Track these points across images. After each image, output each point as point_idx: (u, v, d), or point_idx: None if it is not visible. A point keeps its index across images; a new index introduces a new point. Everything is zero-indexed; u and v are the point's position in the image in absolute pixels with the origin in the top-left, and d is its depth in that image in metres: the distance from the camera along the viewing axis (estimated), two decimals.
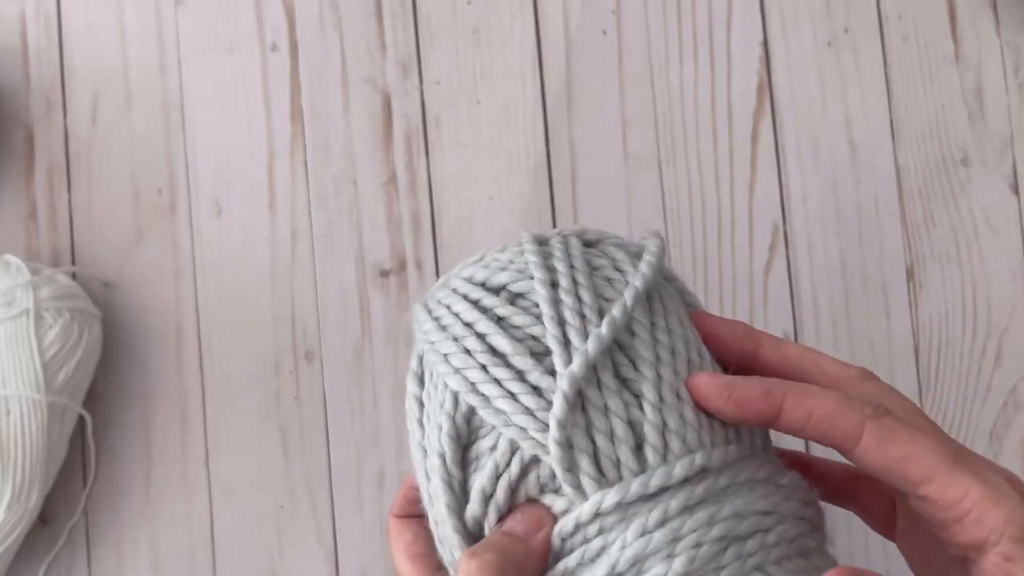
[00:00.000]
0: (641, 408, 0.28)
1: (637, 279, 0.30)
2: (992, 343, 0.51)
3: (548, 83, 0.53)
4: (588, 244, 0.33)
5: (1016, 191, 0.52)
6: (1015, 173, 0.52)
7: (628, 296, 0.30)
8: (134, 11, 0.54)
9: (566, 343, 0.29)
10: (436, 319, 0.31)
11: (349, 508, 0.50)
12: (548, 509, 0.29)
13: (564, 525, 0.28)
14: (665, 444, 0.28)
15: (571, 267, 0.31)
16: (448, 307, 0.31)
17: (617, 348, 0.29)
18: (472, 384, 0.29)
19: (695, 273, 0.51)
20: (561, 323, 0.29)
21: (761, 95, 0.52)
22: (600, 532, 0.28)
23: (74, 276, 0.52)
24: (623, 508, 0.28)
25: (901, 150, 0.52)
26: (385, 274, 0.52)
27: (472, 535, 0.29)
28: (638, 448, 0.28)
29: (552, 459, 0.28)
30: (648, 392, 0.29)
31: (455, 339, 0.30)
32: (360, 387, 0.51)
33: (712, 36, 0.53)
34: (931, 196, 0.52)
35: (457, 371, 0.30)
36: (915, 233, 0.51)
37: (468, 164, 0.52)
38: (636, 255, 0.32)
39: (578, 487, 0.28)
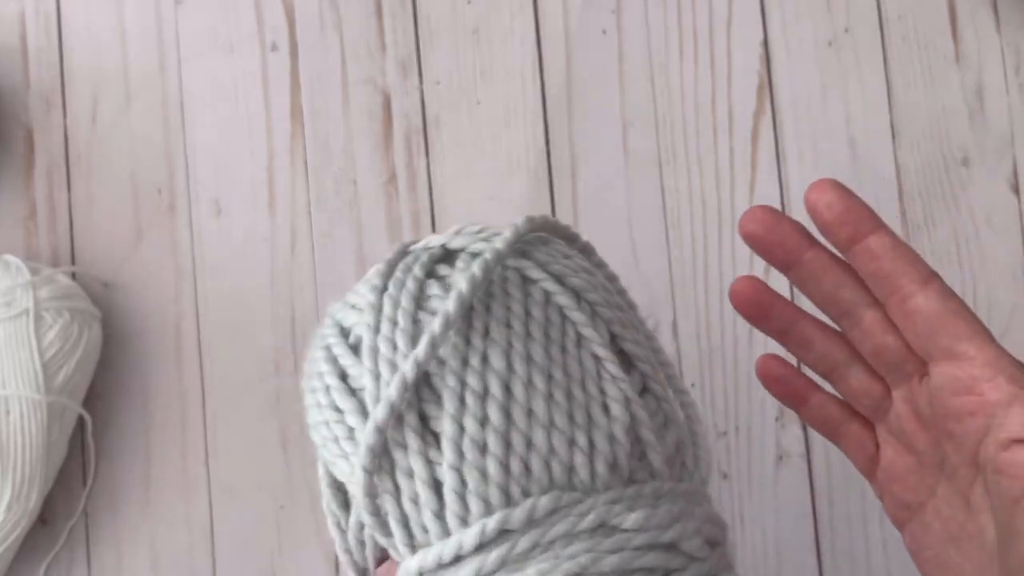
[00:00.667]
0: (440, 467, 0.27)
1: (436, 322, 0.27)
2: None
3: (548, 83, 0.53)
4: (441, 260, 0.31)
5: (1016, 191, 0.52)
6: (1015, 173, 0.52)
7: (419, 348, 0.27)
8: (134, 11, 0.54)
9: (376, 400, 0.28)
10: (311, 373, 0.31)
11: None
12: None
13: None
14: (465, 507, 0.27)
15: (396, 305, 0.29)
16: (314, 360, 0.31)
17: (425, 396, 0.28)
18: (322, 441, 0.30)
19: (695, 273, 0.51)
20: (376, 376, 0.28)
21: (761, 95, 0.52)
22: None
23: (74, 276, 0.52)
24: (433, 573, 0.27)
25: (901, 150, 0.52)
26: None
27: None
28: (439, 513, 0.27)
29: (369, 526, 0.28)
30: (447, 451, 0.27)
31: (312, 392, 0.30)
32: None
33: (712, 36, 0.53)
34: (931, 196, 0.52)
35: (313, 427, 0.31)
36: (915, 233, 0.51)
37: (468, 164, 0.52)
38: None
39: (396, 550, 0.28)
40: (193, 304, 0.52)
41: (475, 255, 0.30)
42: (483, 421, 0.27)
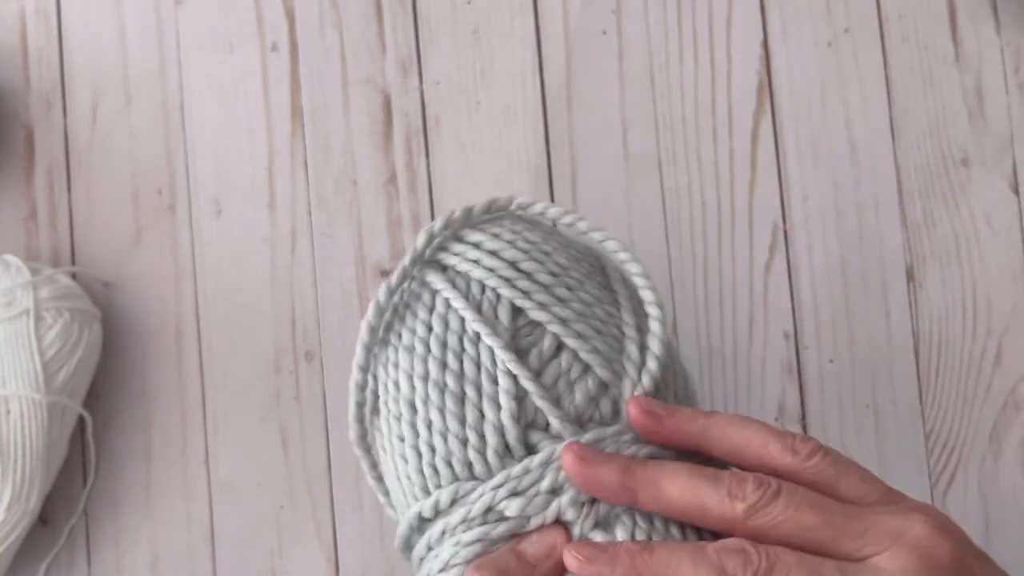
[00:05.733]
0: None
1: (357, 346, 0.35)
2: (992, 343, 0.51)
3: (548, 83, 0.53)
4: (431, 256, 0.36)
5: (1016, 191, 0.52)
6: (1015, 173, 0.52)
7: (353, 366, 0.35)
8: (134, 11, 0.54)
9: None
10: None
11: (349, 508, 0.50)
12: (566, 534, 0.30)
13: None
14: (404, 500, 0.35)
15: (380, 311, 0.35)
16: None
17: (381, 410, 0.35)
18: None
19: (695, 273, 0.51)
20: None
21: (761, 95, 0.52)
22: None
23: (74, 276, 0.52)
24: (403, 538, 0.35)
25: (901, 150, 0.52)
26: (385, 274, 0.52)
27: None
28: (401, 504, 0.35)
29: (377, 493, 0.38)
30: (387, 462, 0.35)
31: None
32: None
33: (712, 36, 0.53)
34: (931, 196, 0.52)
35: None
36: (915, 233, 0.51)
37: (468, 164, 0.52)
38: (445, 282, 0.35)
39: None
40: (193, 304, 0.52)
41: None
42: (401, 438, 0.33)
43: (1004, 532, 0.50)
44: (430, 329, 0.33)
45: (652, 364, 0.33)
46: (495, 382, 0.32)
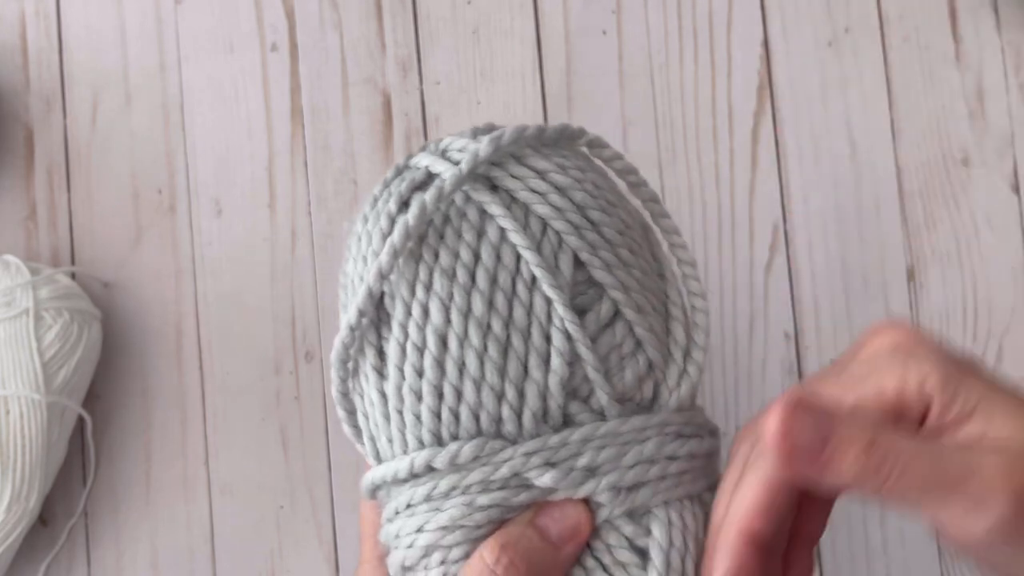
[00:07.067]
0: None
1: (384, 251, 0.29)
2: (992, 344, 0.51)
3: (548, 83, 0.53)
4: (420, 186, 0.31)
5: (1016, 191, 0.52)
6: (1015, 173, 0.52)
7: (370, 274, 0.29)
8: (134, 11, 0.54)
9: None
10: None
11: (349, 508, 0.50)
12: (589, 514, 0.28)
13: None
14: (404, 442, 0.29)
15: (369, 238, 0.31)
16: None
17: (384, 334, 0.30)
18: None
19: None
20: (344, 300, 0.33)
21: (761, 95, 0.52)
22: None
23: (74, 276, 0.52)
24: (381, 488, 0.31)
25: (901, 150, 0.52)
26: None
27: None
28: (390, 439, 0.30)
29: (348, 436, 0.33)
30: (390, 393, 0.29)
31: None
32: None
33: (712, 36, 0.53)
34: (931, 196, 0.52)
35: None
36: (915, 233, 0.51)
37: None
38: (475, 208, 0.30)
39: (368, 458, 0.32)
40: (193, 304, 0.52)
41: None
42: (420, 372, 0.29)
43: None
44: (477, 257, 0.29)
45: (699, 355, 0.31)
46: (547, 339, 0.28)
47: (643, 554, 0.29)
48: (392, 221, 0.30)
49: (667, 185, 0.52)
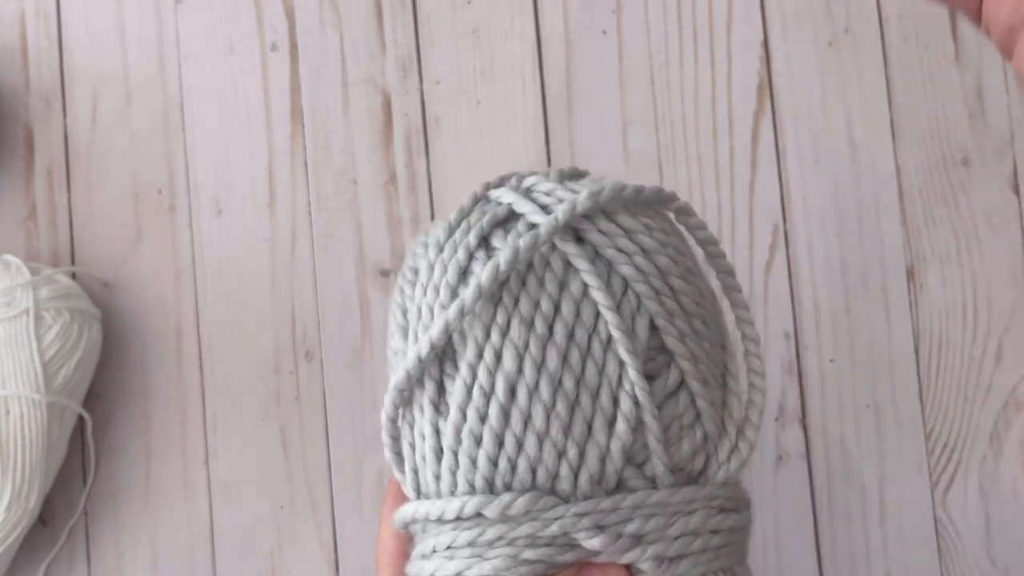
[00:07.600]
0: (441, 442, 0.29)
1: (468, 290, 0.28)
2: (992, 343, 0.51)
3: (548, 83, 0.53)
4: (501, 223, 0.30)
5: (1016, 191, 0.52)
6: (1015, 173, 0.52)
7: (451, 311, 0.28)
8: (134, 11, 0.54)
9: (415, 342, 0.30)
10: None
11: (349, 508, 0.50)
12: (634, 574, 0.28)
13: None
14: (454, 483, 0.29)
15: (443, 271, 0.30)
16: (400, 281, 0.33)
17: (446, 369, 0.29)
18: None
19: None
20: (405, 337, 0.31)
21: (761, 95, 0.52)
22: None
23: (74, 276, 0.52)
24: (420, 524, 0.30)
25: (901, 150, 0.52)
26: (385, 274, 0.52)
27: None
28: (438, 477, 0.29)
29: (388, 461, 0.31)
30: (447, 431, 0.29)
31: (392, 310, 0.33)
32: (360, 387, 0.51)
33: (712, 36, 0.53)
34: (931, 196, 0.52)
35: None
36: (915, 233, 0.51)
37: (468, 164, 0.52)
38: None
39: (406, 489, 0.31)
40: (193, 304, 0.52)
41: (532, 225, 0.30)
42: (483, 417, 0.28)
43: (1005, 532, 0.49)
44: (557, 309, 0.28)
45: (752, 434, 0.31)
46: (615, 402, 0.28)
47: None
48: (470, 256, 0.30)
49: (667, 185, 0.52)
